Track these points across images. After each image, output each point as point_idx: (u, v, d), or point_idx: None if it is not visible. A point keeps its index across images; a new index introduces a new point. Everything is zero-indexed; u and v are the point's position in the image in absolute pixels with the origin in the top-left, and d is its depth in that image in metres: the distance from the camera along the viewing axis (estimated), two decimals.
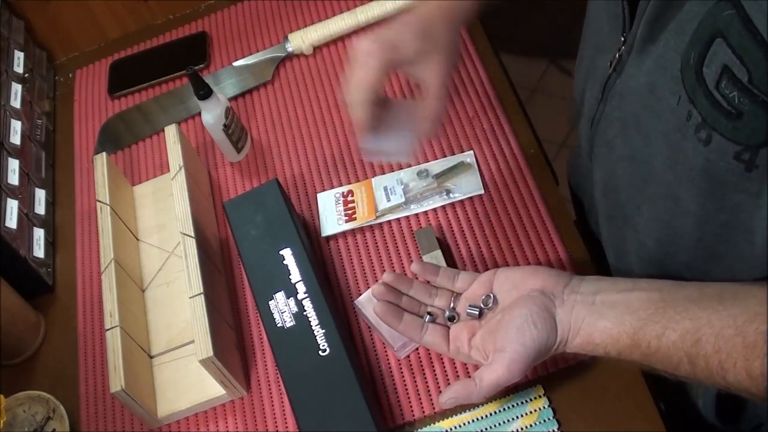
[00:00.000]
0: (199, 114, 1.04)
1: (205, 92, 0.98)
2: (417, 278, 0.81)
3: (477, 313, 0.75)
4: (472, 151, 0.98)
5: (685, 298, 0.65)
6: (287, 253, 0.88)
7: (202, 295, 0.85)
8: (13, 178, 1.03)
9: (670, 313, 0.65)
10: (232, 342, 0.90)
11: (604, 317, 0.68)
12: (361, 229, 0.96)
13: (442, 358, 0.85)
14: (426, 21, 0.74)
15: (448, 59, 0.74)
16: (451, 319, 0.76)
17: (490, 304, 0.74)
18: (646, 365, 0.68)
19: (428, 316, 0.77)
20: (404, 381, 0.85)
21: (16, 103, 1.11)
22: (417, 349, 0.86)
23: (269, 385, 0.89)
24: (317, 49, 1.15)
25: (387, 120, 0.77)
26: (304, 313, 0.84)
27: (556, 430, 0.79)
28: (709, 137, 0.57)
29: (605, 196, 0.78)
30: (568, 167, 0.92)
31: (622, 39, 0.66)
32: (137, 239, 1.02)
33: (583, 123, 0.78)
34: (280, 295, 0.85)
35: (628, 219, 0.75)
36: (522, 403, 0.81)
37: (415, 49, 0.73)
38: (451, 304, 0.78)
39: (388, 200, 0.96)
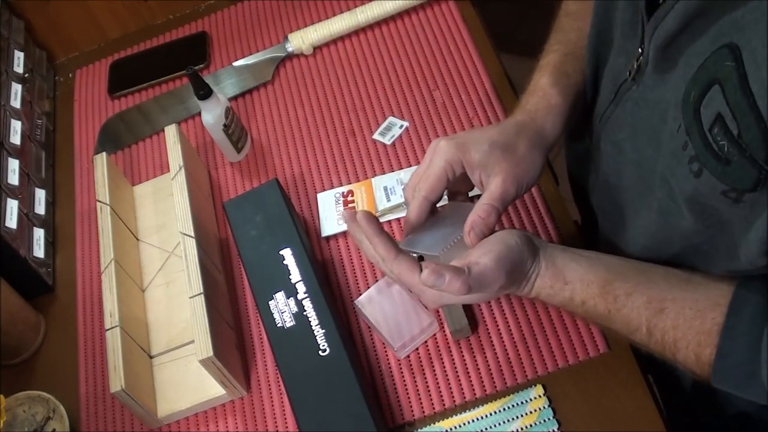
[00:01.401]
0: (199, 114, 1.04)
1: (205, 92, 0.98)
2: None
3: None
4: None
5: (657, 271, 0.68)
6: (287, 253, 0.88)
7: (202, 295, 0.85)
8: (13, 178, 1.03)
9: (642, 278, 0.68)
10: (232, 342, 0.90)
11: (579, 262, 0.70)
12: None
13: (442, 359, 0.85)
14: (512, 133, 0.74)
15: (517, 174, 0.72)
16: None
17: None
18: (603, 324, 0.70)
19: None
20: (404, 381, 0.85)
21: (16, 103, 1.11)
22: (417, 349, 0.86)
23: (269, 385, 0.89)
24: (317, 49, 1.15)
25: (434, 219, 0.76)
26: (304, 313, 0.84)
27: (556, 430, 0.79)
28: (700, 171, 0.57)
29: (606, 191, 0.78)
30: (566, 142, 0.91)
31: (640, 51, 0.65)
32: (137, 239, 1.02)
33: (594, 116, 0.78)
34: (280, 295, 0.85)
35: (624, 219, 0.75)
36: (522, 403, 0.81)
37: (486, 152, 0.72)
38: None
39: (388, 200, 0.96)
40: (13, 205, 1.00)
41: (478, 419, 0.81)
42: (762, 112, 0.49)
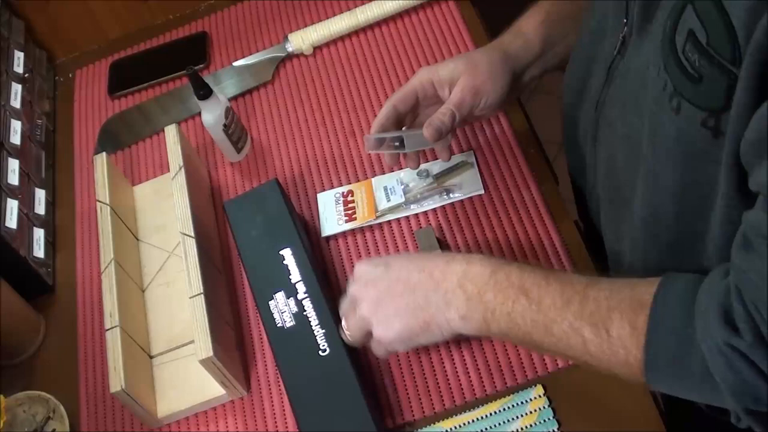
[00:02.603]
0: (199, 114, 1.04)
1: (205, 92, 0.98)
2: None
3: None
4: (472, 151, 0.98)
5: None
6: (287, 253, 0.88)
7: (202, 295, 0.85)
8: (13, 178, 1.03)
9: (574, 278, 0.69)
10: (232, 342, 0.90)
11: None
12: (361, 229, 0.96)
13: (442, 359, 0.85)
14: (478, 52, 0.85)
15: (476, 85, 0.82)
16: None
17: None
18: (535, 295, 0.68)
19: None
20: (404, 381, 0.85)
21: (16, 103, 1.11)
22: (417, 351, 0.86)
23: (269, 385, 0.89)
24: (317, 49, 1.15)
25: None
26: (304, 313, 0.84)
27: (556, 430, 0.79)
28: (678, 105, 0.59)
29: (607, 178, 0.79)
30: (566, 153, 0.93)
31: (625, 22, 0.68)
32: (137, 239, 1.02)
33: (587, 107, 0.80)
34: (280, 295, 0.85)
35: (625, 200, 0.75)
36: (522, 403, 0.81)
37: (452, 69, 0.83)
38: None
39: (388, 200, 0.96)
40: (13, 205, 1.00)
41: (478, 419, 0.81)
42: (725, 6, 0.52)
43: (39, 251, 1.03)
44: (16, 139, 1.07)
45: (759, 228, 0.55)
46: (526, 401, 0.81)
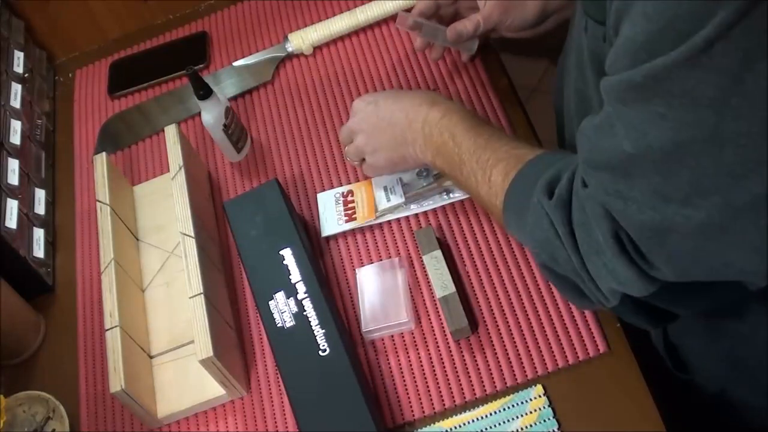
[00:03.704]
0: (199, 114, 1.04)
1: (205, 92, 0.98)
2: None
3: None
4: None
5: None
6: (287, 253, 0.88)
7: (202, 295, 0.85)
8: (13, 178, 1.03)
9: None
10: (232, 342, 0.90)
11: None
12: (361, 229, 0.96)
13: (442, 359, 0.85)
14: None
15: (505, 4, 0.92)
16: None
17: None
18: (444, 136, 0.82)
19: None
20: (404, 381, 0.85)
21: (16, 103, 1.11)
22: (417, 351, 0.86)
23: (269, 385, 0.89)
24: (317, 49, 1.15)
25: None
26: (304, 313, 0.84)
27: (556, 430, 0.79)
28: (587, 25, 0.68)
29: (569, 132, 0.85)
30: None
31: None
32: (137, 239, 1.02)
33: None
34: (280, 295, 0.86)
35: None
36: (522, 403, 0.81)
37: None
38: None
39: (388, 200, 0.96)
40: (13, 205, 1.00)
41: (478, 419, 0.81)
42: None
43: (39, 251, 1.03)
44: (16, 139, 1.07)
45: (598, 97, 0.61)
46: (526, 401, 0.81)
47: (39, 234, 1.04)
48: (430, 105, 0.85)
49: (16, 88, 1.12)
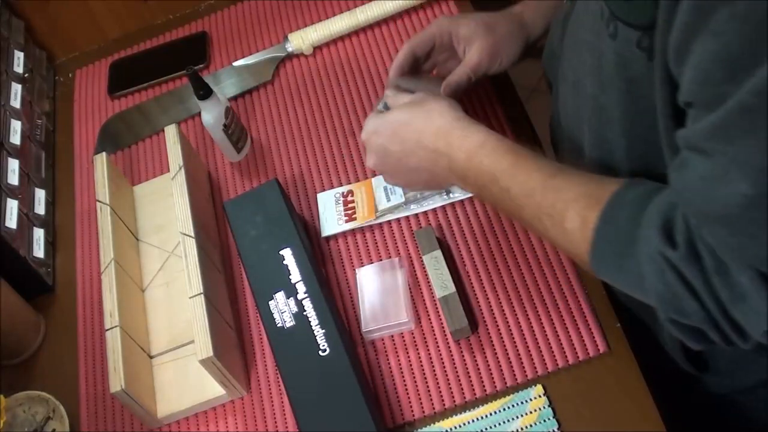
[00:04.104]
0: (199, 114, 1.04)
1: (205, 92, 0.98)
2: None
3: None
4: None
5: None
6: (287, 253, 0.88)
7: (202, 295, 0.85)
8: (13, 178, 1.03)
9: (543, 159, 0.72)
10: (232, 342, 0.90)
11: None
12: (361, 229, 0.96)
13: (442, 359, 0.85)
14: (497, 18, 0.89)
15: (493, 50, 0.87)
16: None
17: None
18: (502, 183, 0.71)
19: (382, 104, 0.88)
20: (404, 381, 0.85)
21: (16, 103, 1.11)
22: (417, 351, 0.86)
23: (269, 385, 0.89)
24: (317, 49, 1.15)
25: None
26: (304, 313, 0.84)
27: (556, 430, 0.79)
28: (615, 29, 0.61)
29: (567, 136, 0.81)
30: (550, 136, 0.95)
31: None
32: (137, 239, 1.02)
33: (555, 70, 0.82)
34: (280, 295, 0.86)
35: (581, 152, 0.76)
36: (522, 403, 0.81)
37: (472, 29, 0.87)
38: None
39: (388, 200, 0.96)
40: (13, 205, 1.00)
41: (478, 419, 0.81)
42: None
43: (39, 251, 1.03)
44: (16, 139, 1.07)
45: (687, 140, 0.55)
46: (526, 401, 0.81)
47: (39, 234, 1.04)
48: (448, 147, 0.75)
49: (16, 88, 1.12)
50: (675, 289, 0.57)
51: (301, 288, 0.85)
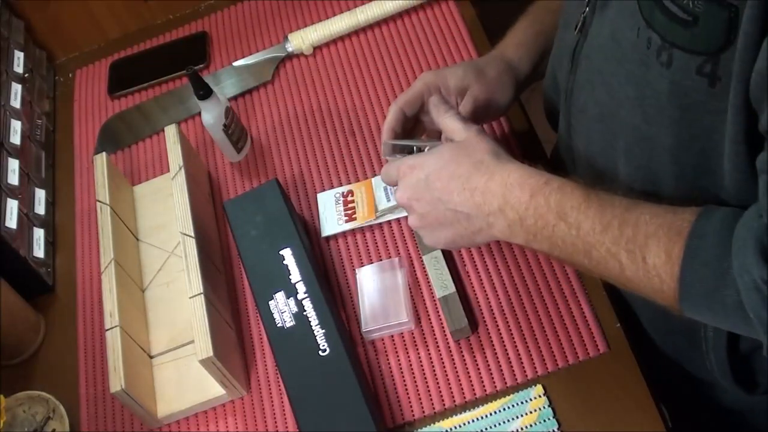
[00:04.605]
0: (199, 114, 1.04)
1: (205, 92, 0.98)
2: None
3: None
4: None
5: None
6: (287, 253, 0.88)
7: (202, 295, 0.85)
8: (13, 178, 1.03)
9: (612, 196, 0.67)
10: (232, 342, 0.90)
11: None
12: (361, 229, 0.96)
13: (442, 359, 0.85)
14: (484, 62, 0.85)
15: (487, 95, 0.83)
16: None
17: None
18: (573, 219, 0.66)
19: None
20: (404, 381, 0.85)
21: (16, 103, 1.11)
22: (417, 351, 0.86)
23: (269, 385, 0.89)
24: (317, 49, 1.15)
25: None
26: (304, 313, 0.84)
27: (556, 430, 0.79)
28: (670, 57, 0.59)
29: (588, 169, 0.79)
30: (552, 161, 0.94)
31: (586, 1, 0.69)
32: (137, 239, 1.02)
33: (561, 102, 0.80)
34: (280, 295, 0.85)
35: (610, 180, 0.75)
36: (522, 403, 0.81)
37: (461, 77, 0.83)
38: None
39: (388, 200, 0.96)
40: (13, 205, 1.00)
41: (478, 419, 0.81)
42: None
43: (39, 251, 1.03)
44: (16, 139, 1.07)
45: None
46: (526, 401, 0.81)
47: (39, 234, 1.04)
48: (502, 184, 0.70)
49: (16, 88, 1.12)
50: None
51: (301, 288, 0.85)
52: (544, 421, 0.79)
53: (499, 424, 0.80)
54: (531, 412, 0.80)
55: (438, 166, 0.73)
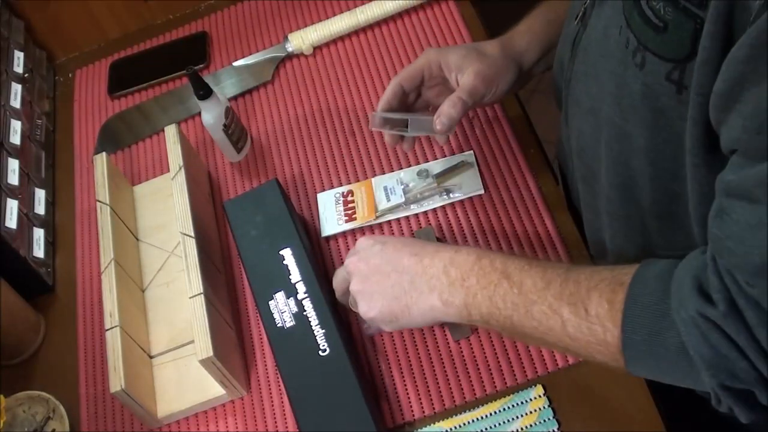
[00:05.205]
0: (199, 114, 1.04)
1: (205, 92, 0.98)
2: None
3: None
4: (472, 151, 0.97)
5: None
6: (287, 253, 0.88)
7: (202, 295, 0.85)
8: (13, 178, 1.03)
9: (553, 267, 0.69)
10: (232, 342, 0.90)
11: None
12: (361, 229, 0.96)
13: (442, 359, 0.85)
14: (488, 44, 0.86)
15: (487, 74, 0.83)
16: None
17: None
18: (517, 277, 0.67)
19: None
20: (404, 381, 0.85)
21: (16, 103, 1.11)
22: (417, 351, 0.86)
23: (269, 385, 0.89)
24: (317, 49, 1.15)
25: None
26: (304, 313, 0.84)
27: (556, 430, 0.79)
28: (643, 60, 0.59)
29: (579, 158, 0.79)
30: (556, 151, 0.94)
31: None
32: (137, 239, 1.02)
33: (562, 92, 0.80)
34: (280, 295, 0.85)
35: (596, 175, 0.75)
36: (522, 403, 0.81)
37: (463, 55, 0.84)
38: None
39: (388, 200, 0.96)
40: (13, 205, 1.00)
41: (478, 419, 0.81)
42: None
43: (39, 251, 1.03)
44: (16, 139, 1.07)
45: (732, 187, 0.54)
46: (526, 401, 0.81)
47: (39, 234, 1.04)
48: (453, 249, 0.72)
49: (16, 88, 1.12)
50: (722, 350, 0.55)
51: (301, 288, 0.85)
52: (544, 421, 0.79)
53: (499, 424, 0.80)
54: (531, 412, 0.80)
55: (394, 239, 0.77)
